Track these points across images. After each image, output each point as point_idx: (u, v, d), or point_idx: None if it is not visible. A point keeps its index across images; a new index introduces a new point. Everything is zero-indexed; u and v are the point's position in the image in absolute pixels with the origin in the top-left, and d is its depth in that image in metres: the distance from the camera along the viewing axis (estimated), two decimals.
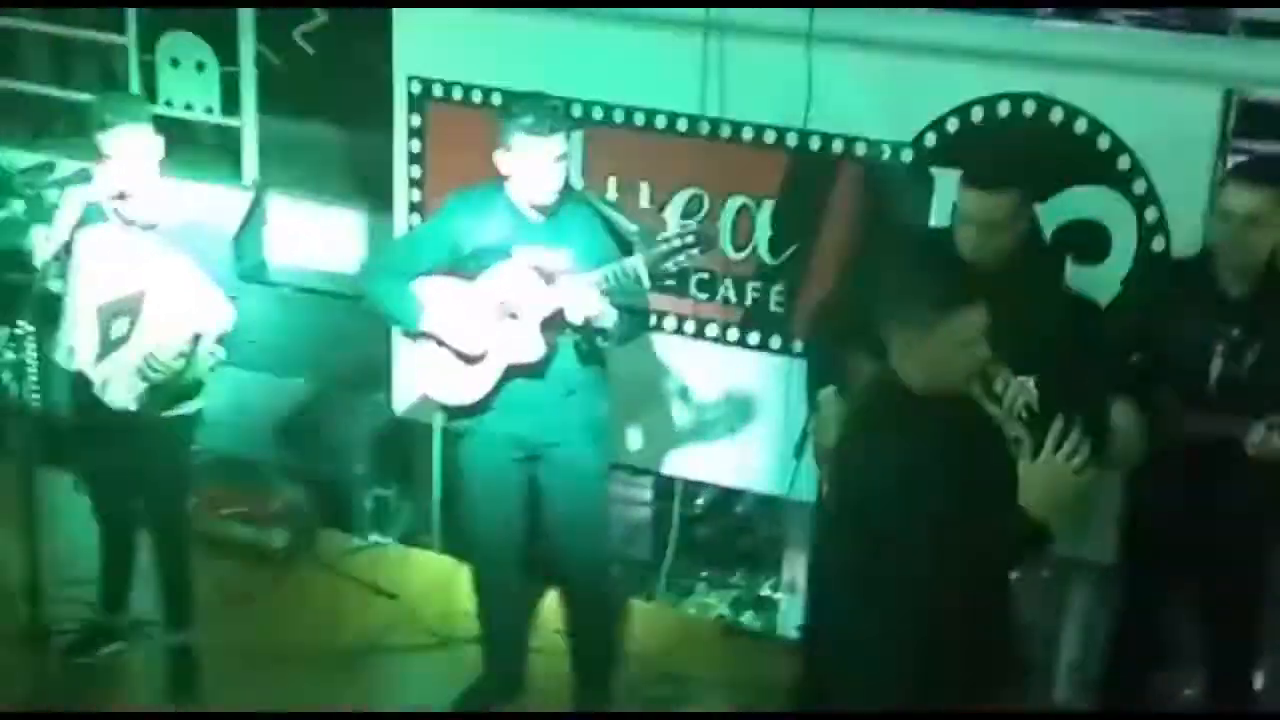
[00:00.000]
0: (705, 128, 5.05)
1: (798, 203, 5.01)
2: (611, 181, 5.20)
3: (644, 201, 5.17)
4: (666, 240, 4.26)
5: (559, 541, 4.65)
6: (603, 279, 4.24)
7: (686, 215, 5.10)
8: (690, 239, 4.25)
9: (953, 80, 4.71)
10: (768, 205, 5.05)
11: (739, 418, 5.26)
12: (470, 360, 4.43)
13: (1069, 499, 3.09)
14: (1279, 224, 3.97)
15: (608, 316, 4.31)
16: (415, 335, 4.50)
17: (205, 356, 4.46)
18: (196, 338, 4.36)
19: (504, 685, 4.87)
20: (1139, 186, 4.57)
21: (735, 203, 5.09)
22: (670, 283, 4.98)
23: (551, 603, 5.07)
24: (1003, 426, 3.36)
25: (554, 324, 4.35)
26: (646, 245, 4.29)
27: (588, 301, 4.24)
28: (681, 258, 4.27)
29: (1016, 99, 4.65)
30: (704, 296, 5.21)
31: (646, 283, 4.32)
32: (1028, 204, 4.14)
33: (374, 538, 5.89)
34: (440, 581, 5.45)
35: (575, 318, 4.27)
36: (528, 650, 4.98)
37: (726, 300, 5.18)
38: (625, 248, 4.40)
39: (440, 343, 4.43)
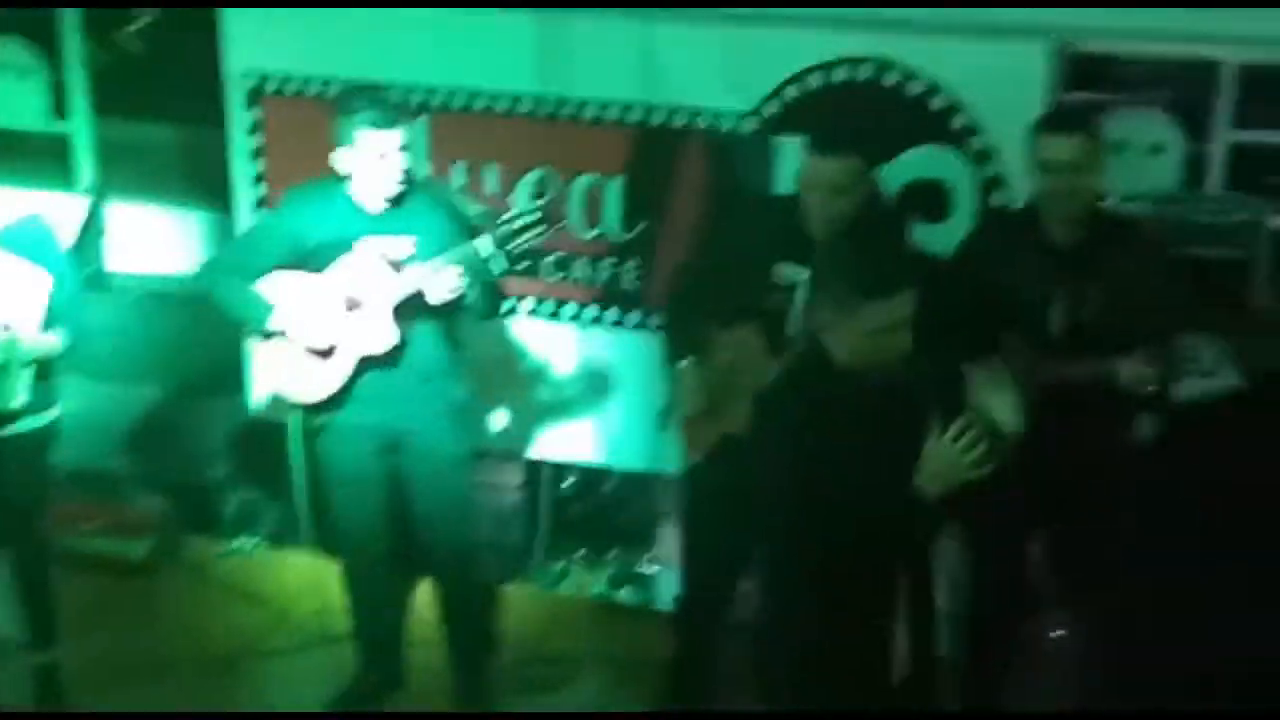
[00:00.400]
0: (548, 108, 5.04)
1: (645, 178, 5.03)
2: (458, 166, 5.17)
3: (492, 185, 5.15)
4: (511, 220, 4.25)
5: (425, 528, 4.62)
6: (449, 261, 4.22)
7: (534, 197, 5.09)
8: (536, 215, 4.25)
9: (790, 48, 4.76)
10: (616, 183, 5.06)
11: (601, 395, 5.28)
12: (321, 355, 4.38)
13: (959, 485, 3.09)
14: (1095, 170, 4.08)
15: (458, 300, 4.28)
16: (264, 334, 4.43)
17: (25, 350, 4.34)
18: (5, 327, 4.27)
19: (382, 681, 4.84)
20: (976, 143, 4.67)
21: (584, 181, 5.09)
22: (524, 264, 4.98)
23: (425, 593, 5.03)
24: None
25: (404, 312, 4.32)
26: (492, 226, 4.27)
27: (436, 286, 4.22)
28: (528, 235, 4.27)
29: (853, 63, 4.71)
30: (559, 276, 5.21)
31: (496, 263, 4.31)
32: (871, 168, 4.19)
33: (239, 541, 5.81)
34: (311, 581, 5.39)
35: (425, 303, 4.25)
36: (404, 643, 4.95)
37: (581, 279, 5.19)
38: (470, 232, 4.38)
39: (290, 340, 4.37)
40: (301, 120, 5.20)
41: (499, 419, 5.43)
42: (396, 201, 4.33)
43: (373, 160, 4.24)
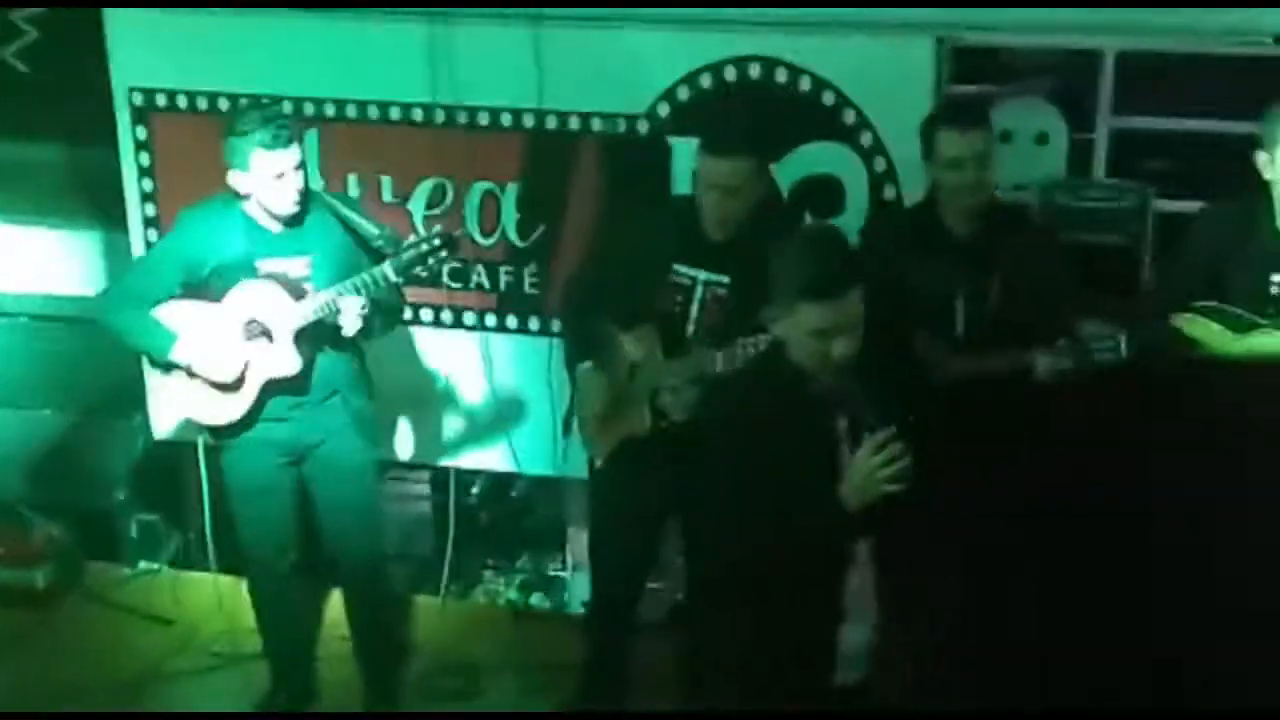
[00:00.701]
0: (440, 116, 5.03)
1: (541, 184, 5.03)
2: (351, 178, 5.14)
3: (387, 195, 5.13)
4: (413, 246, 4.23)
5: (333, 541, 4.61)
6: (351, 289, 4.20)
7: (430, 206, 5.09)
8: (436, 242, 4.23)
9: (680, 49, 4.79)
10: (512, 189, 5.06)
11: (504, 402, 5.27)
12: (226, 387, 4.34)
13: (873, 498, 3.08)
14: (993, 162, 4.12)
15: (360, 323, 4.26)
16: (166, 366, 4.38)
17: None
18: None
19: (294, 696, 4.80)
20: (866, 138, 4.72)
21: (480, 189, 5.09)
22: (422, 274, 4.95)
23: (334, 608, 5.00)
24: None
25: (307, 336, 4.29)
26: (392, 251, 4.24)
27: (341, 316, 4.21)
28: (430, 262, 4.25)
29: (742, 63, 4.75)
30: (457, 285, 5.19)
31: (396, 290, 4.33)
32: (765, 166, 4.22)
33: (143, 565, 5.72)
34: (215, 601, 5.31)
35: (327, 326, 4.23)
36: (315, 658, 4.92)
37: (480, 287, 5.18)
38: (369, 250, 4.35)
39: (193, 371, 4.32)
40: (191, 136, 5.14)
41: (403, 429, 5.40)
42: (295, 220, 4.30)
43: (269, 181, 4.20)
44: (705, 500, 3.34)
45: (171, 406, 4.64)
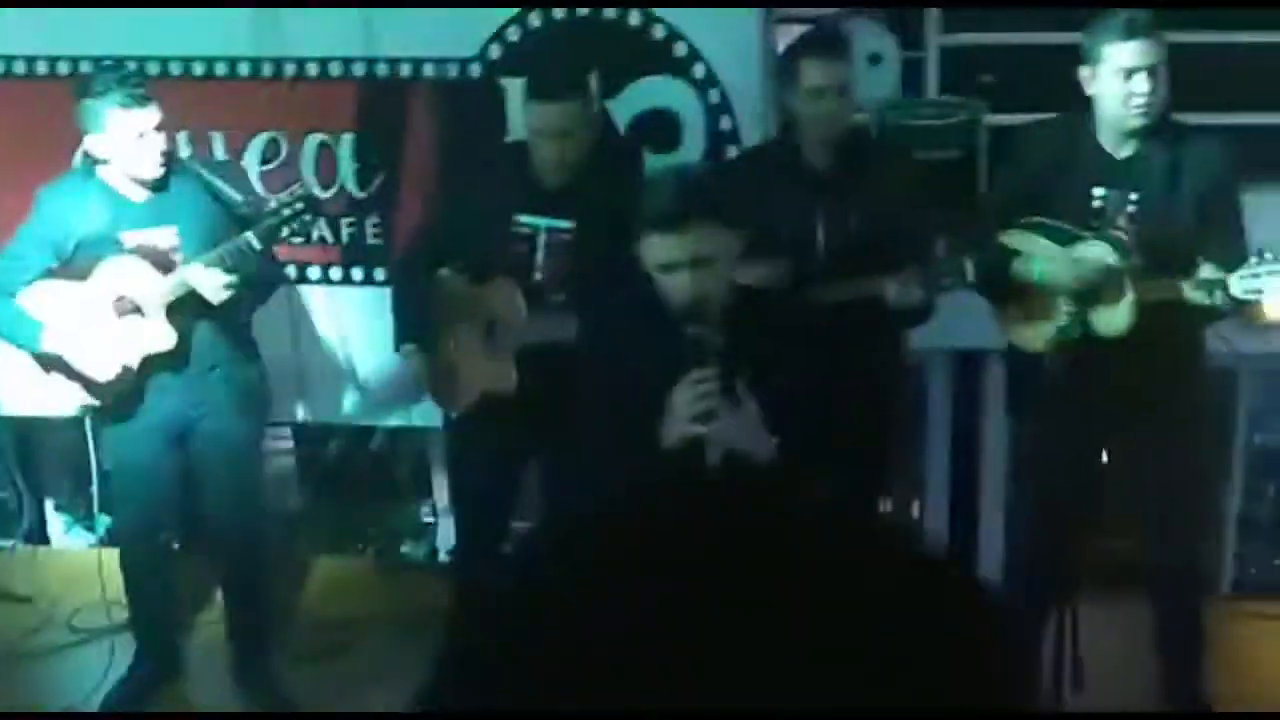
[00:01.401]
0: (268, 69, 4.92)
1: (376, 133, 4.96)
2: (181, 137, 5.01)
3: (220, 153, 5.02)
4: (273, 212, 4.13)
5: (214, 513, 4.56)
6: (216, 259, 4.10)
7: (265, 161, 4.99)
8: (298, 206, 4.14)
9: None
10: (347, 139, 4.98)
11: (355, 355, 5.21)
12: (99, 363, 4.24)
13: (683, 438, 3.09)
14: (852, 94, 4.13)
15: (227, 294, 4.16)
16: (40, 359, 4.27)
17: None
18: None
19: (160, 666, 4.74)
20: (699, 71, 4.71)
21: (314, 141, 5.00)
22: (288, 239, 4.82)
23: (201, 573, 4.94)
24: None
25: (180, 309, 4.20)
26: (255, 218, 4.15)
27: (208, 287, 4.11)
28: (295, 226, 4.16)
29: None
30: (299, 240, 5.10)
31: (261, 256, 4.21)
32: (591, 106, 4.19)
33: None
34: (75, 576, 5.22)
35: (199, 297, 4.14)
36: (181, 627, 4.87)
37: (322, 240, 5.10)
38: (234, 217, 4.26)
39: (65, 356, 4.22)
40: (16, 103, 4.98)
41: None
42: (159, 186, 4.19)
43: (130, 143, 4.09)
44: (570, 441, 3.34)
45: (45, 380, 4.50)
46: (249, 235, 4.12)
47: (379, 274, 5.09)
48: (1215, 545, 5.03)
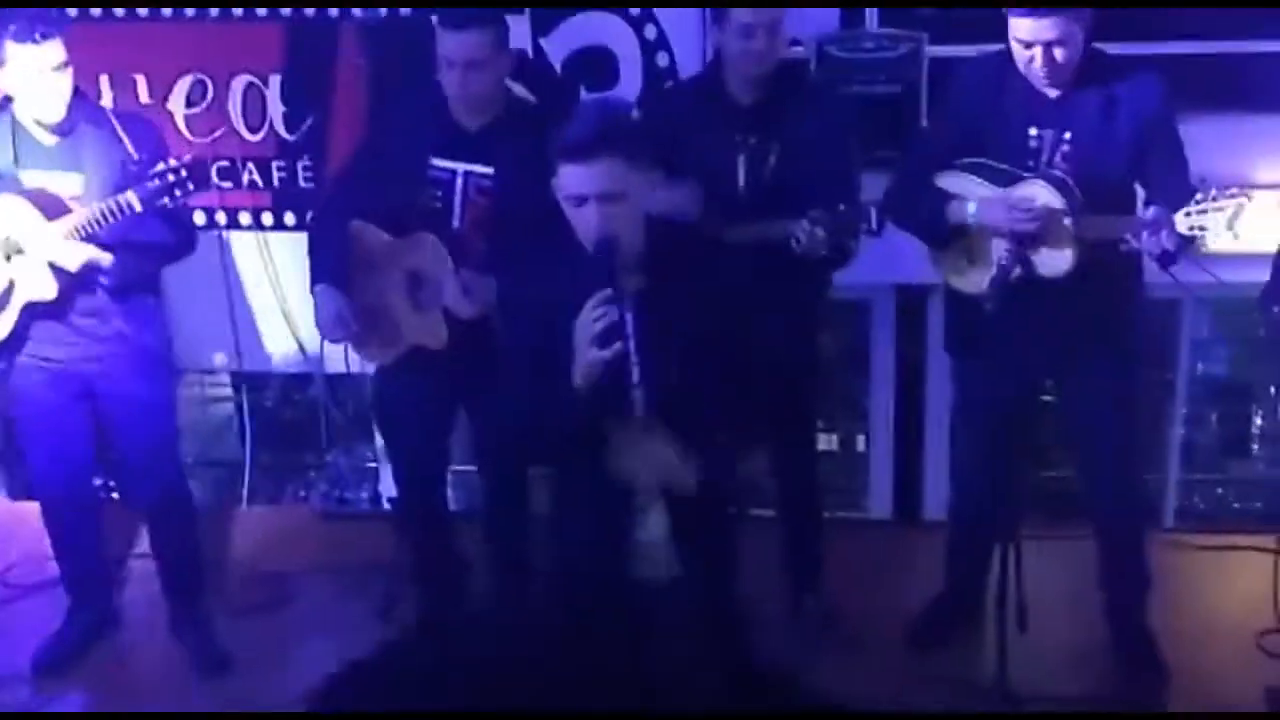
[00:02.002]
0: (192, 9, 4.78)
1: (305, 73, 4.83)
2: (104, 80, 4.88)
3: (144, 96, 4.89)
4: (158, 175, 3.94)
5: (130, 468, 4.47)
6: (100, 214, 3.94)
7: (191, 104, 4.86)
8: (183, 174, 3.94)
9: None
10: (275, 81, 4.86)
11: (290, 301, 5.12)
12: None
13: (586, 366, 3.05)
14: (782, 30, 4.03)
15: (127, 243, 4.03)
16: None
17: None
18: None
19: (94, 619, 4.67)
20: (634, 6, 4.60)
21: (241, 82, 4.87)
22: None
23: (134, 526, 4.86)
24: None
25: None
26: (140, 178, 3.95)
27: (63, 252, 3.98)
28: (178, 193, 3.96)
29: None
30: (228, 185, 4.99)
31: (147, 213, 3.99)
32: (504, 40, 4.03)
33: None
34: (9, 530, 5.14)
35: (74, 259, 4.01)
36: (114, 579, 4.79)
37: (254, 185, 4.99)
38: (130, 173, 4.10)
39: None
40: None
41: (193, 335, 5.22)
42: (66, 130, 4.05)
43: (31, 79, 3.94)
44: (497, 386, 3.30)
45: None
46: (130, 195, 3.95)
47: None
48: (1158, 478, 5.04)
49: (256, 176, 4.96)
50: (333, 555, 5.07)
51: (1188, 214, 3.54)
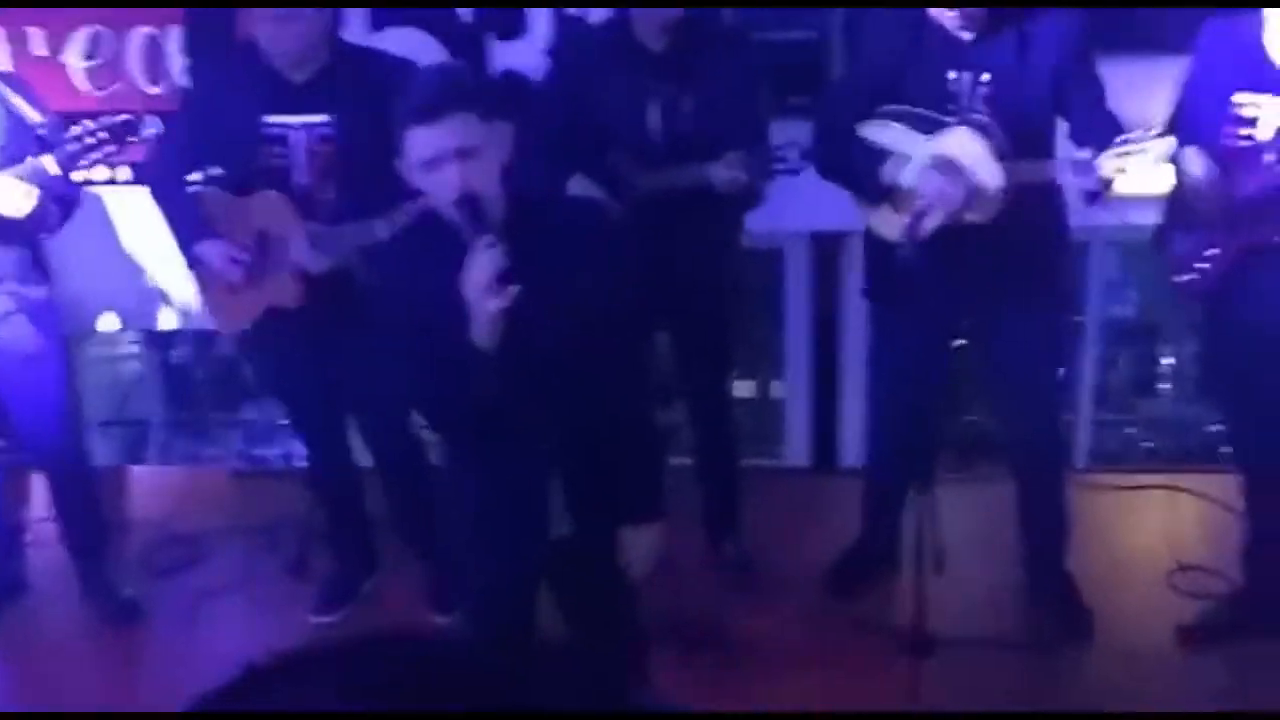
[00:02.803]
0: None
1: (206, 25, 4.71)
2: None
3: (40, 48, 4.75)
4: (76, 139, 3.82)
5: (22, 424, 4.35)
6: (14, 179, 3.82)
7: (89, 57, 4.74)
8: (103, 135, 3.82)
9: None
10: (175, 32, 4.74)
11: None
12: None
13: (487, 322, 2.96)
14: None
15: (27, 212, 3.90)
16: None
17: None
18: None
19: (5, 586, 4.58)
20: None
21: (140, 34, 4.75)
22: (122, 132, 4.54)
23: (38, 490, 4.77)
24: None
25: None
26: (55, 143, 3.84)
27: (7, 196, 3.84)
28: (96, 155, 3.85)
29: None
30: (131, 139, 4.86)
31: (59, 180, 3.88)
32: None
33: None
34: None
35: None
36: (22, 547, 4.70)
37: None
38: (36, 138, 3.98)
39: None
40: None
41: (99, 296, 5.11)
42: None
43: None
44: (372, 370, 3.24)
45: None
46: (46, 159, 3.84)
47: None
48: (1070, 419, 5.09)
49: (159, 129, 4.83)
50: (245, 513, 5.01)
51: (1113, 155, 3.55)
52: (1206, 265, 3.87)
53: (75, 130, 3.81)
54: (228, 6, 4.44)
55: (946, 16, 3.74)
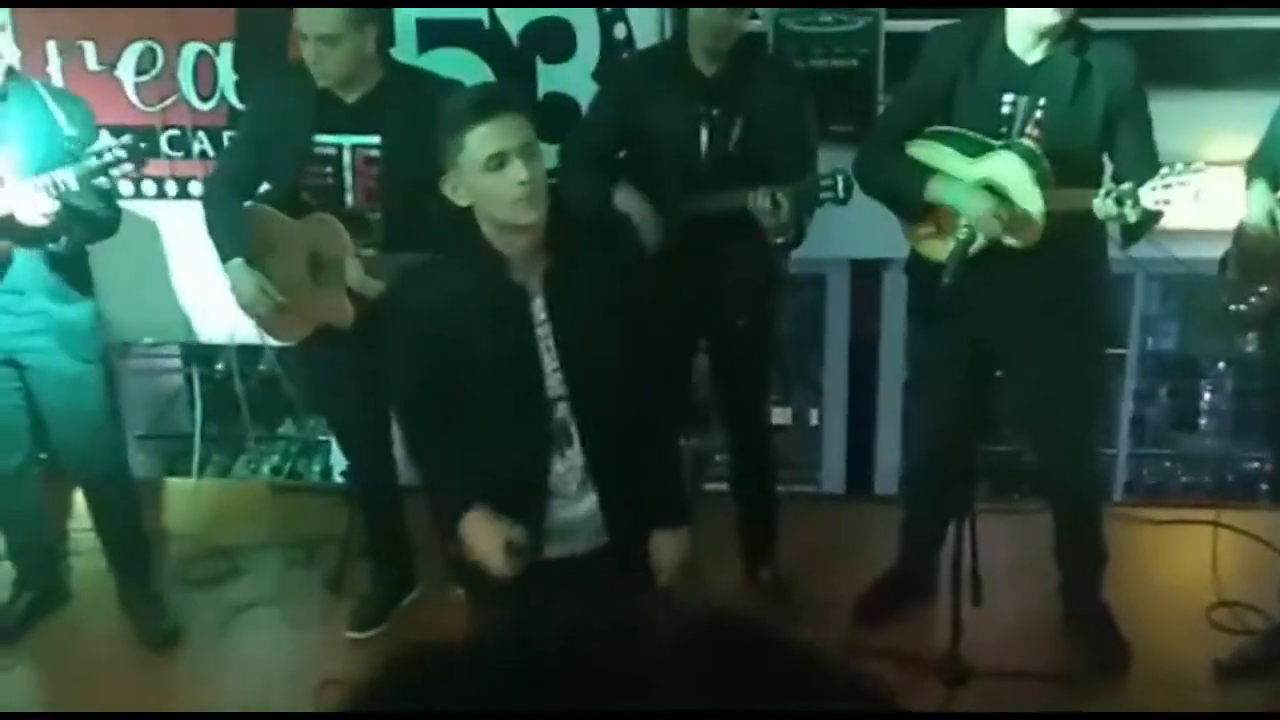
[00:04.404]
0: None
1: (256, 41, 4.77)
2: (51, 46, 4.80)
3: (92, 63, 4.81)
4: (96, 154, 3.85)
5: (61, 440, 4.40)
6: (40, 185, 3.85)
7: (141, 71, 4.80)
8: (120, 154, 3.85)
9: None
10: (227, 48, 4.79)
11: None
12: None
13: None
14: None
15: (57, 221, 3.93)
16: None
17: None
18: None
19: (46, 594, 4.62)
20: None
21: (192, 50, 4.81)
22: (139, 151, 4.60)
23: (80, 500, 4.80)
24: None
25: None
26: (77, 159, 3.86)
27: (23, 207, 3.87)
28: (115, 173, 3.89)
29: None
30: (179, 154, 4.93)
31: (85, 195, 3.91)
32: (363, 14, 3.88)
33: None
34: None
35: (15, 220, 3.90)
36: (63, 554, 4.75)
37: (204, 155, 4.92)
38: (66, 150, 4.01)
39: None
40: None
41: (141, 307, 5.16)
42: None
43: None
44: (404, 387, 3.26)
45: None
46: (66, 173, 3.85)
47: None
48: (1109, 452, 5.07)
49: (208, 146, 4.90)
50: (284, 528, 5.03)
51: (1154, 188, 3.56)
52: (1256, 300, 3.86)
53: (95, 146, 3.86)
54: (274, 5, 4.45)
55: (1014, 38, 3.73)
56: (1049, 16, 3.66)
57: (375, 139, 3.93)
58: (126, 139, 3.88)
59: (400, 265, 3.77)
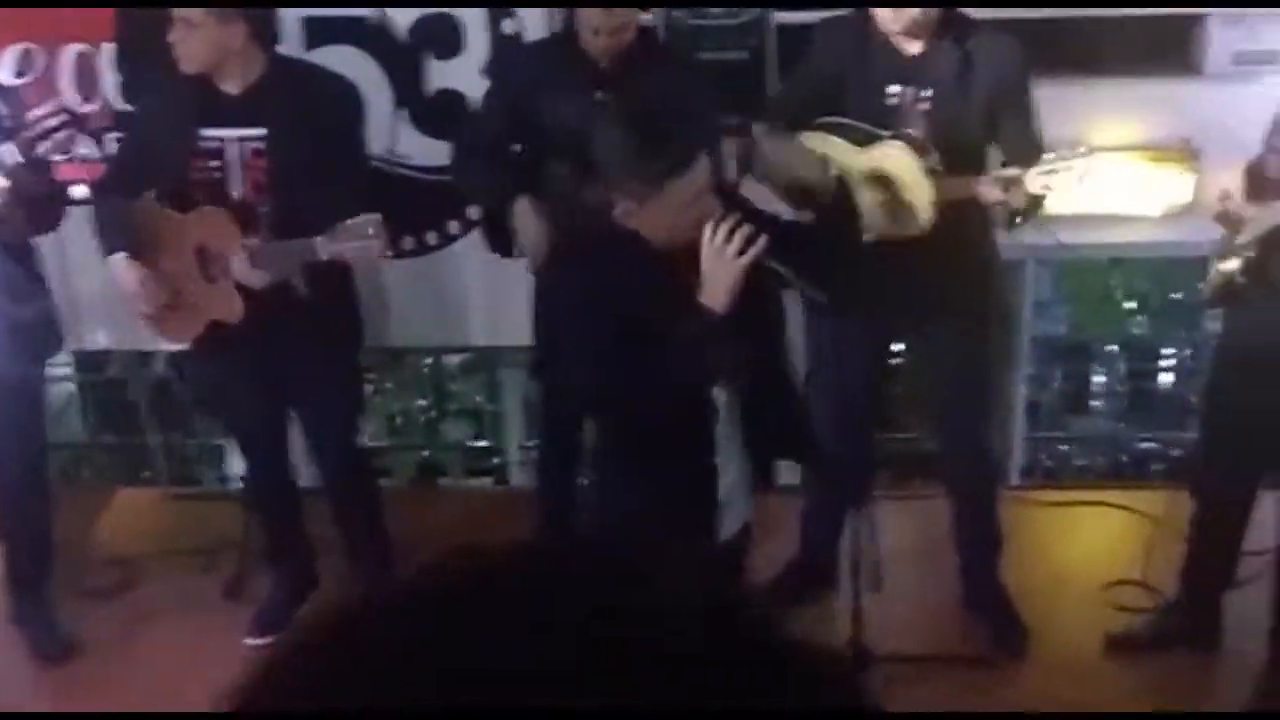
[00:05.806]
0: None
1: (137, 41, 4.67)
2: None
3: None
4: (31, 124, 3.80)
5: None
6: None
7: (19, 74, 4.69)
8: (65, 117, 3.83)
9: None
10: (107, 48, 4.70)
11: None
12: None
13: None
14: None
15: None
16: None
17: None
18: None
19: None
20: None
21: (71, 51, 4.71)
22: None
23: None
24: None
25: None
26: (13, 130, 3.82)
27: None
28: (59, 136, 3.85)
29: None
30: (60, 156, 4.81)
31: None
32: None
33: None
34: None
35: None
36: None
37: (86, 157, 4.81)
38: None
39: None
40: None
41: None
42: None
43: None
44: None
45: None
46: (7, 147, 3.82)
47: None
48: (1004, 436, 5.13)
49: (92, 149, 4.79)
50: (181, 536, 4.95)
51: (1039, 173, 3.61)
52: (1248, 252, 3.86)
53: (35, 113, 3.80)
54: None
55: (890, 23, 3.76)
56: (894, 13, 3.70)
57: (261, 131, 3.88)
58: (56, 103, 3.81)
59: (291, 255, 3.76)
